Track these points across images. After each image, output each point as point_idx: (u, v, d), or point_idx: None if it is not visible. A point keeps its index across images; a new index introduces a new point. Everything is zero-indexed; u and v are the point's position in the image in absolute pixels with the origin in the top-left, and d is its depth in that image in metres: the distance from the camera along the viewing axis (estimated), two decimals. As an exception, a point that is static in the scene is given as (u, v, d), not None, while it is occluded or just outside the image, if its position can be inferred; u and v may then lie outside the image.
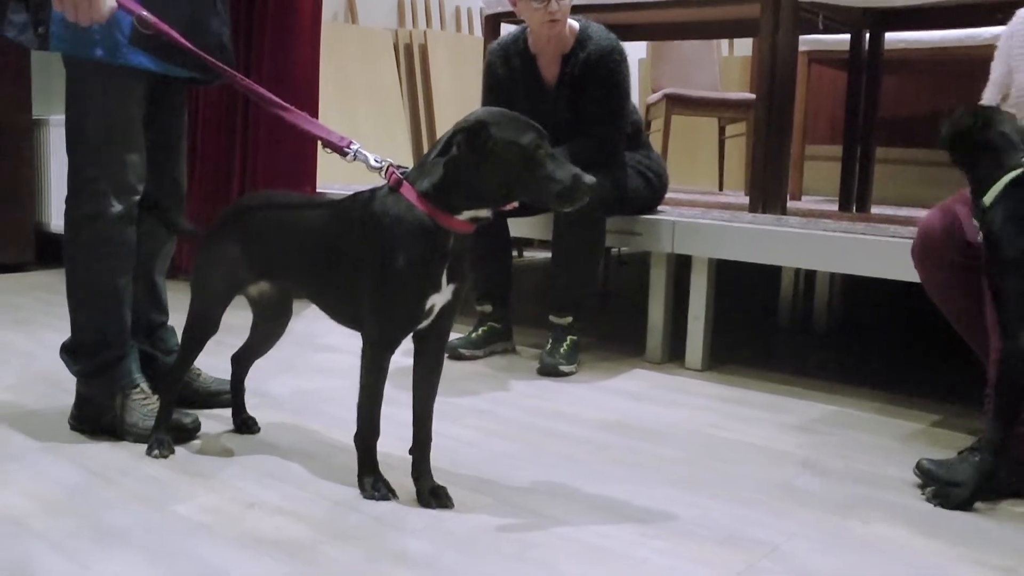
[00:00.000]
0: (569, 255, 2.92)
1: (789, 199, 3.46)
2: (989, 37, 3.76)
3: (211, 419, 2.25)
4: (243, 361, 2.24)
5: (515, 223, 3.19)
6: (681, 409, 2.56)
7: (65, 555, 1.55)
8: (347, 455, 1.96)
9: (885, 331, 4.06)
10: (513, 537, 1.66)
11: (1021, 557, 1.67)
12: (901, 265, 2.55)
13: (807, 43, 4.23)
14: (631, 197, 3.03)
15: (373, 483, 1.82)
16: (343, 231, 1.80)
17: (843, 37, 4.01)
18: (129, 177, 2.09)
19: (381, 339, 1.77)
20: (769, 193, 3.25)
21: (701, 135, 5.67)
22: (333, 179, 4.14)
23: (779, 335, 3.84)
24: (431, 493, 1.79)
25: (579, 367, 2.95)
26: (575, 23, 2.94)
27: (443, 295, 1.76)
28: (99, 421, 2.14)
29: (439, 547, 1.61)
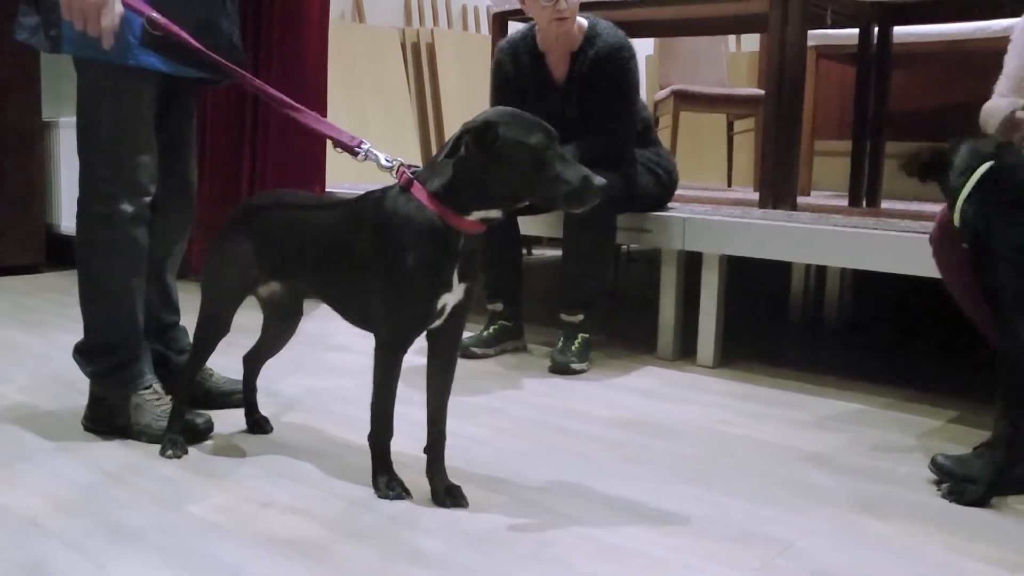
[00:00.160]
0: (580, 253, 2.92)
1: (798, 195, 3.45)
2: (999, 30, 3.75)
3: (224, 419, 2.25)
4: (255, 361, 2.24)
5: (524, 221, 3.19)
6: (693, 406, 2.56)
7: (80, 554, 1.55)
8: (360, 454, 1.96)
9: (896, 327, 4.05)
10: (528, 536, 1.66)
11: (1038, 553, 1.66)
12: (912, 260, 2.54)
13: (815, 38, 4.21)
14: (641, 194, 3.03)
15: (387, 482, 1.82)
16: (354, 231, 1.80)
17: (851, 31, 4.00)
18: (141, 178, 2.09)
19: (393, 339, 1.77)
20: (779, 189, 3.24)
21: (709, 131, 5.66)
22: (342, 179, 4.14)
23: (790, 331, 3.83)
24: (446, 492, 1.79)
25: (590, 365, 2.95)
26: (583, 21, 2.94)
27: (455, 294, 1.76)
28: (112, 422, 2.15)
29: (454, 546, 1.61)
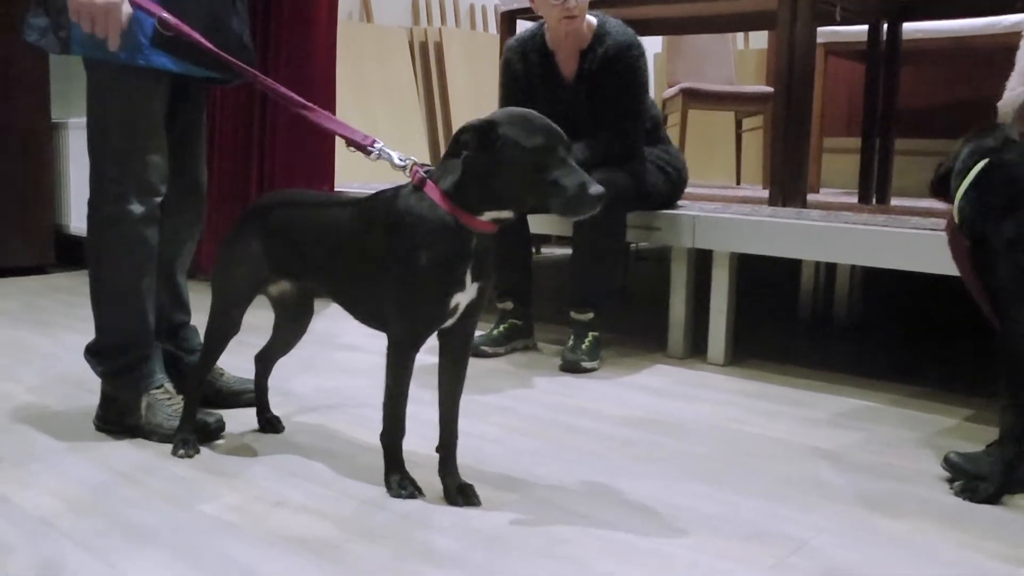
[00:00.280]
0: (590, 251, 2.91)
1: (807, 192, 3.43)
2: (1009, 25, 3.73)
3: (235, 419, 2.25)
4: (266, 360, 2.24)
5: (534, 219, 3.19)
6: (704, 404, 2.55)
7: (93, 554, 1.55)
8: (372, 454, 1.96)
9: (907, 324, 4.04)
10: (540, 534, 1.66)
11: (1053, 550, 1.65)
12: (923, 257, 2.53)
13: (823, 35, 4.19)
14: (651, 192, 3.03)
15: (399, 481, 1.82)
16: (367, 230, 1.79)
17: (860, 28, 3.99)
18: (151, 178, 2.09)
19: (406, 338, 1.76)
20: (789, 186, 3.23)
21: (717, 129, 5.65)
22: (351, 178, 4.14)
23: (800, 329, 3.82)
24: (458, 491, 1.79)
25: (601, 363, 2.95)
26: (592, 19, 2.93)
27: (468, 293, 1.75)
28: (124, 421, 2.15)
29: (467, 545, 1.61)
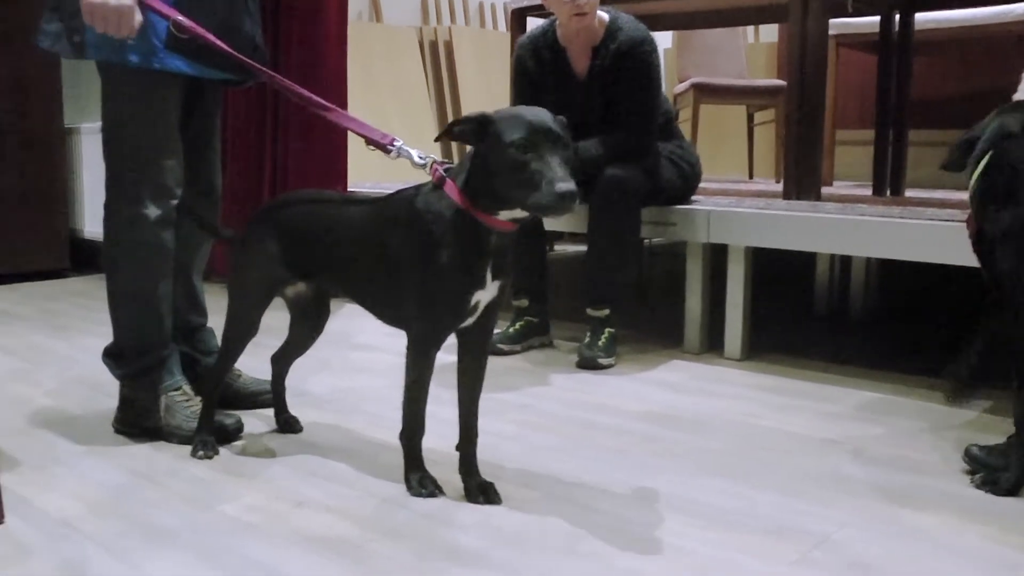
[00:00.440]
0: (605, 248, 2.91)
1: (821, 185, 3.42)
2: (1022, 12, 3.71)
3: (253, 419, 2.26)
4: (283, 361, 2.24)
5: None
6: (721, 399, 2.54)
7: (115, 555, 1.56)
8: (391, 453, 1.96)
9: (923, 316, 4.01)
10: (562, 531, 1.66)
11: (1078, 542, 1.64)
12: (939, 248, 2.52)
13: (835, 27, 4.18)
14: (665, 188, 3.02)
15: (420, 480, 1.82)
16: (387, 229, 1.79)
17: (871, 19, 3.97)
18: (167, 181, 2.09)
19: (426, 337, 1.76)
20: (803, 180, 3.22)
21: (729, 123, 5.64)
22: (364, 177, 4.14)
23: (816, 323, 3.81)
24: (479, 489, 1.79)
25: (617, 359, 2.94)
26: (604, 15, 2.92)
27: (488, 292, 1.75)
28: (143, 424, 2.16)
29: (489, 543, 1.61)
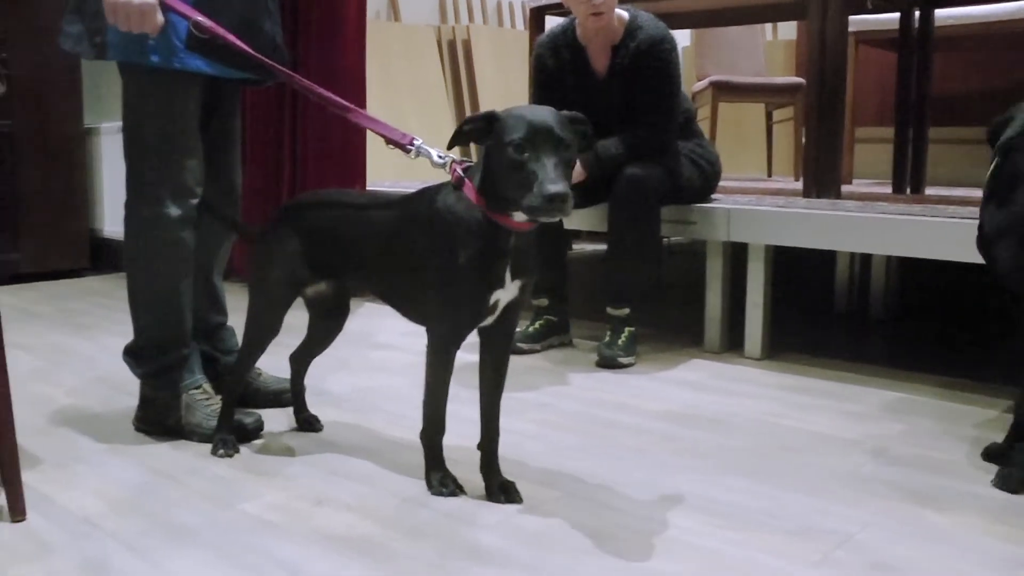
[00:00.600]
0: (625, 247, 2.90)
1: (840, 183, 3.40)
2: (1043, 8, 3.68)
3: (273, 418, 2.26)
4: (302, 360, 2.24)
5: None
6: (742, 398, 2.53)
7: (137, 554, 1.56)
8: (411, 452, 1.96)
9: (944, 315, 3.98)
10: (584, 530, 1.65)
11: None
12: (960, 246, 2.50)
13: (854, 24, 4.15)
14: (685, 186, 3.01)
15: (440, 479, 1.82)
16: (409, 228, 1.79)
17: (891, 16, 3.94)
18: (187, 180, 2.10)
19: (445, 336, 1.76)
20: (823, 177, 3.20)
21: (748, 121, 5.61)
22: (381, 176, 4.15)
23: (836, 321, 3.78)
24: (500, 488, 1.79)
25: (637, 358, 2.93)
26: (624, 13, 2.91)
27: (508, 291, 1.74)
28: (163, 422, 2.17)
29: (512, 542, 1.60)
